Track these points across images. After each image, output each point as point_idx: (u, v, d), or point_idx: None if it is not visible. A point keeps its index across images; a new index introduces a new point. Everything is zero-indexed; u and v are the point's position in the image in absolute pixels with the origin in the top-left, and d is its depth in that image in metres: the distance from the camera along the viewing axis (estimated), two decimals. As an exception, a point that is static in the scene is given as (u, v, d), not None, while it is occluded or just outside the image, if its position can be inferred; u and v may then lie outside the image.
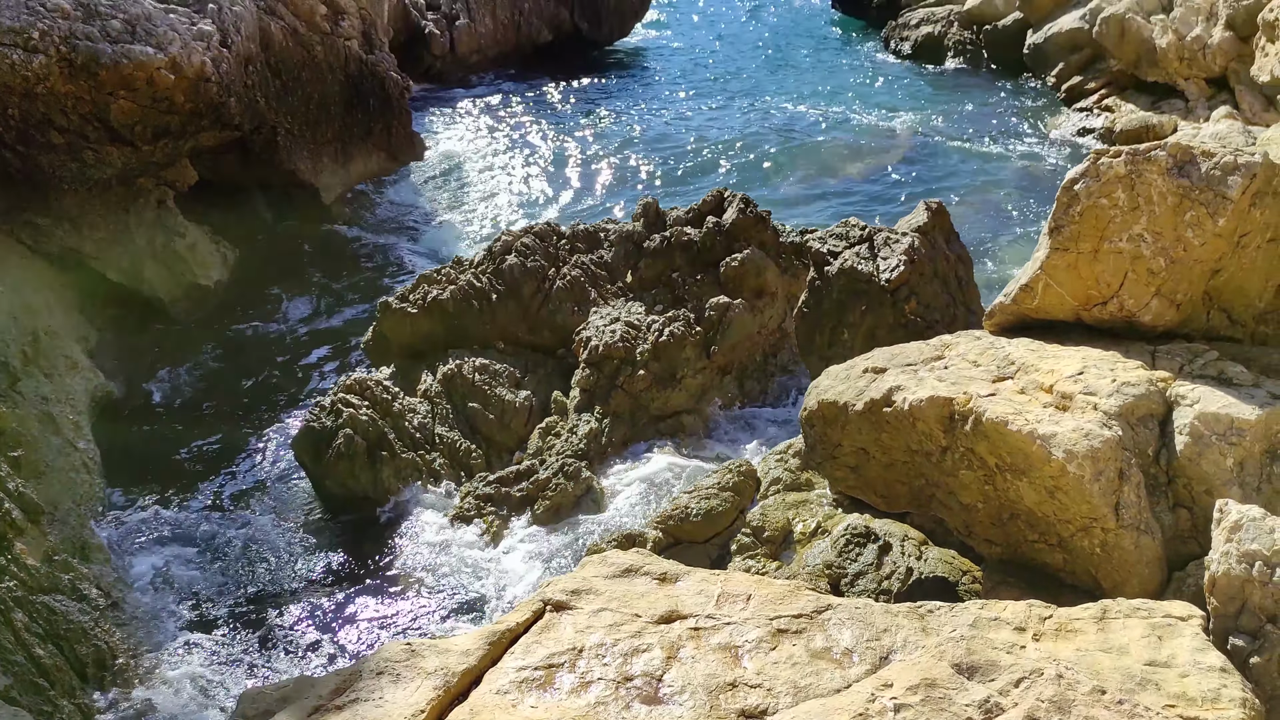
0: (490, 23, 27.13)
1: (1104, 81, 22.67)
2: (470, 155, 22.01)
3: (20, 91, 12.35)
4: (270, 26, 16.36)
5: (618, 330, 11.47)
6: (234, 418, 12.87)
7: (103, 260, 13.81)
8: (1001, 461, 6.06)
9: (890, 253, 10.73)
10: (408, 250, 17.56)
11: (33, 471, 9.01)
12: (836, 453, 7.47)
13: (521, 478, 10.32)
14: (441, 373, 11.69)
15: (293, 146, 17.02)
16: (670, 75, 28.37)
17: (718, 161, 21.46)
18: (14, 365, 10.28)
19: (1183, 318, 6.71)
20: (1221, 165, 6.19)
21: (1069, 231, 6.69)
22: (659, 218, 12.99)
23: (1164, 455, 5.90)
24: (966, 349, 7.11)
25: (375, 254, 17.39)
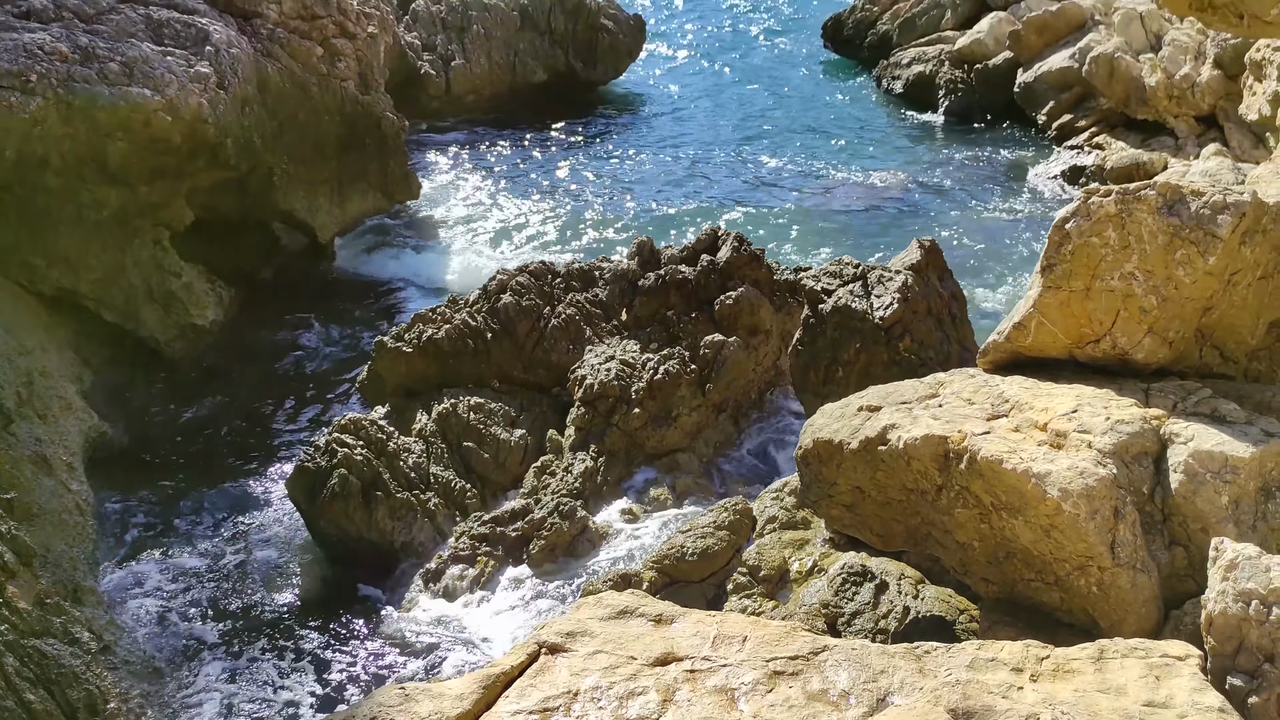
0: (485, 63, 27.31)
1: (1094, 119, 22.87)
2: (465, 194, 22.10)
3: (18, 133, 12.41)
4: (267, 68, 16.47)
5: (613, 369, 11.48)
6: (229, 458, 12.84)
7: (98, 301, 13.82)
8: (997, 500, 6.06)
9: (884, 291, 10.77)
10: (403, 289, 17.60)
11: (25, 514, 8.97)
12: (832, 491, 7.46)
13: (517, 517, 10.28)
14: (436, 412, 11.68)
15: (289, 186, 17.08)
16: (664, 114, 28.57)
17: (711, 200, 21.57)
18: (8, 407, 10.25)
19: (1175, 355, 6.75)
20: (1211, 204, 6.24)
21: (1061, 270, 6.73)
22: (653, 256, 13.04)
23: (1159, 493, 5.90)
24: (961, 387, 7.13)
25: (370, 293, 17.43)
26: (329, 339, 15.84)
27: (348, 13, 18.37)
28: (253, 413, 13.80)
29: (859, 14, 33.29)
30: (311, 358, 15.36)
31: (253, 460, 12.73)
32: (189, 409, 13.81)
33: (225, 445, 13.08)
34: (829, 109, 28.35)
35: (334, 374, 14.81)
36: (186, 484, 12.26)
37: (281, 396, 14.21)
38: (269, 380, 14.65)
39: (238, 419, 13.65)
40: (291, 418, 13.73)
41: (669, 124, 27.56)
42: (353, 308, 16.82)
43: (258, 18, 16.81)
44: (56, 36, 13.09)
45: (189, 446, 13.05)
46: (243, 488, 12.19)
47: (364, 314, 16.63)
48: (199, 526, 11.47)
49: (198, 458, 12.82)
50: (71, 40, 13.18)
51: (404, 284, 17.77)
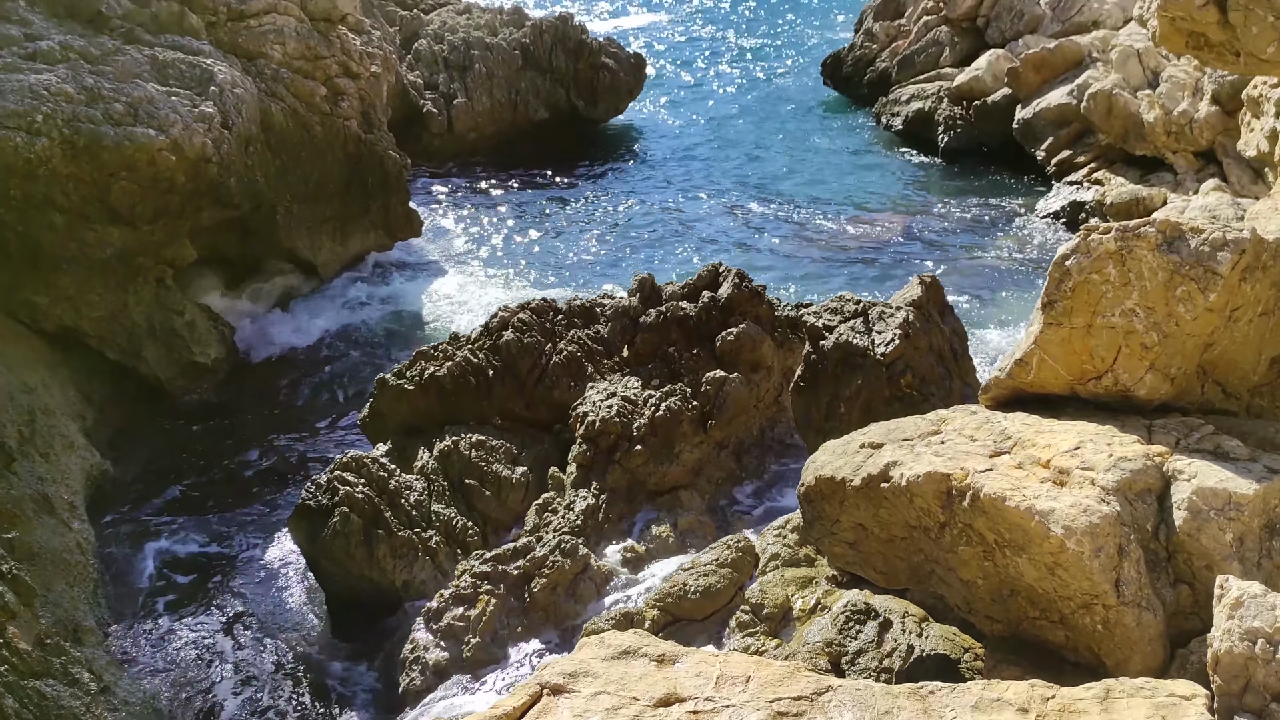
0: (487, 101, 27.54)
1: (1093, 155, 22.99)
2: (467, 232, 22.21)
3: (22, 173, 12.51)
4: (271, 108, 16.62)
5: (614, 405, 11.46)
6: (230, 494, 12.81)
7: (100, 339, 13.86)
8: (1000, 538, 6.04)
9: (885, 327, 10.78)
10: (404, 326, 17.64)
11: (26, 554, 8.94)
12: (835, 528, 7.44)
13: (518, 555, 10.23)
14: (438, 449, 11.66)
15: (291, 224, 17.19)
16: (664, 151, 28.76)
17: (712, 237, 21.66)
18: (10, 446, 10.25)
19: (1178, 391, 6.74)
20: (1210, 241, 6.26)
21: (1062, 306, 6.74)
22: (654, 293, 13.06)
23: (1163, 530, 5.88)
24: (963, 424, 7.12)
25: (372, 330, 17.46)
26: (330, 376, 15.85)
27: (351, 53, 18.56)
28: (254, 450, 13.79)
29: (858, 51, 33.62)
30: (313, 394, 15.37)
31: (253, 498, 12.70)
32: (191, 446, 13.80)
33: (225, 482, 13.05)
34: (829, 145, 28.53)
35: (335, 411, 14.81)
36: (187, 521, 12.23)
37: (283, 433, 14.21)
38: (271, 417, 14.65)
39: (239, 455, 13.63)
40: (293, 455, 13.71)
41: (669, 161, 27.74)
42: (353, 345, 16.85)
43: (262, 58, 16.99)
44: (63, 78, 13.22)
45: (190, 483, 13.02)
46: (242, 525, 12.15)
47: (365, 351, 16.66)
48: (200, 565, 11.43)
49: (199, 494, 12.79)
50: (77, 81, 13.30)
51: (405, 321, 17.81)
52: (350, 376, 15.80)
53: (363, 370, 15.89)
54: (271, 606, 10.94)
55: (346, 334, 17.21)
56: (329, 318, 17.73)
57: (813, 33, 47.62)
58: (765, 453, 12.22)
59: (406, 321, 17.82)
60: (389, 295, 18.82)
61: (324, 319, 17.65)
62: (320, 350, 16.55)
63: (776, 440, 12.36)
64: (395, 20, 29.03)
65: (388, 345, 16.90)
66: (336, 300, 18.37)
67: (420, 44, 28.22)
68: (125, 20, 15.22)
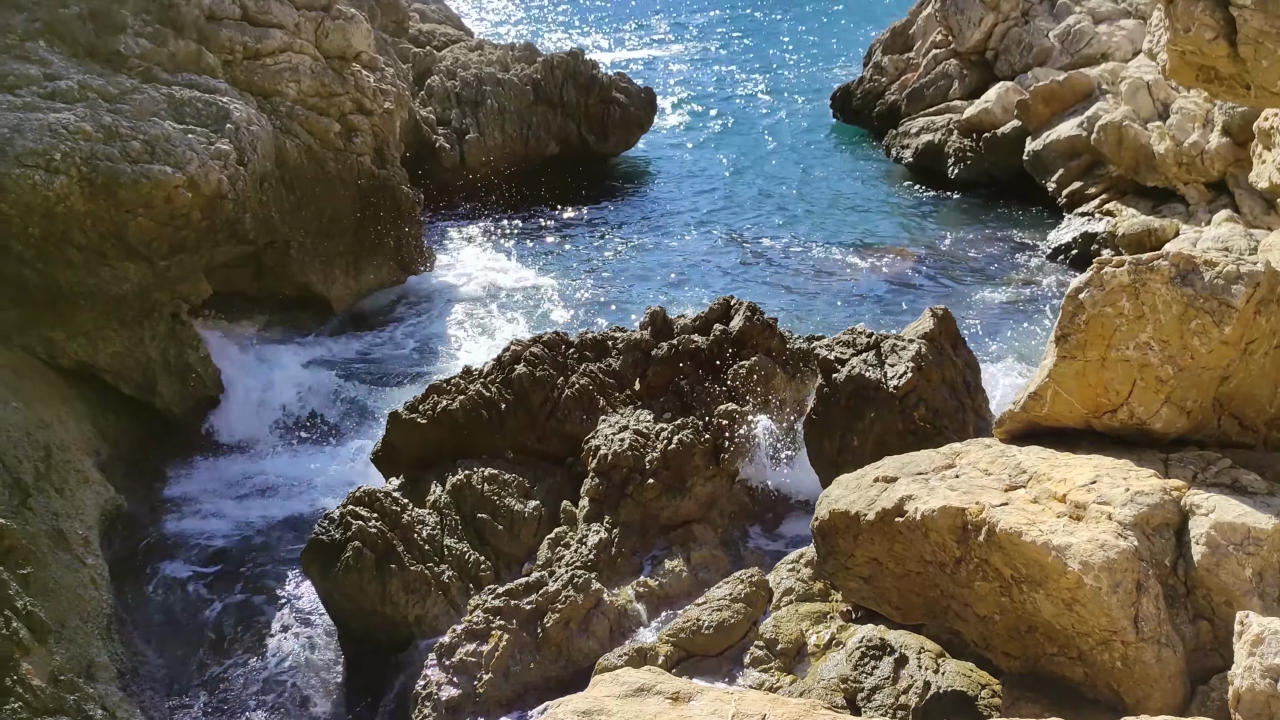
0: (499, 136, 27.74)
1: (1104, 187, 23.00)
2: (480, 265, 22.31)
3: (41, 210, 12.62)
4: (286, 144, 16.77)
5: (626, 439, 11.46)
6: (241, 528, 12.81)
7: (116, 374, 13.93)
8: (1017, 573, 6.01)
9: (897, 359, 10.77)
10: (417, 360, 17.68)
11: (41, 589, 8.95)
12: (849, 563, 7.41)
13: (531, 590, 10.19)
14: (450, 483, 11.66)
15: (305, 259, 17.30)
16: (675, 184, 28.90)
17: (723, 269, 21.71)
18: (26, 481, 10.28)
19: (1194, 425, 6.71)
20: (1224, 274, 6.25)
21: (1076, 340, 6.73)
22: (666, 325, 13.09)
23: (1181, 565, 5.84)
24: (977, 457, 7.10)
25: (384, 364, 17.52)
26: (344, 409, 15.89)
27: (365, 89, 18.74)
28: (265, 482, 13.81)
29: (867, 85, 33.79)
30: (325, 427, 15.40)
31: (264, 532, 12.71)
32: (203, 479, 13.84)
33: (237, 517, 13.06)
34: (839, 178, 28.63)
35: (347, 444, 14.83)
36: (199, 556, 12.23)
37: (294, 467, 14.23)
38: (282, 450, 14.68)
39: (250, 488, 13.65)
40: (305, 488, 13.73)
41: (680, 194, 27.87)
42: (366, 378, 16.89)
43: (277, 95, 17.17)
44: (81, 116, 13.37)
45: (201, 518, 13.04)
46: (255, 559, 12.15)
47: (378, 385, 16.69)
48: (213, 600, 11.42)
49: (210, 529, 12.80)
50: (95, 119, 13.45)
51: (418, 355, 17.86)
52: (363, 410, 15.83)
53: (375, 404, 15.93)
54: (283, 641, 10.92)
55: (358, 367, 17.26)
56: (341, 351, 17.80)
57: (820, 68, 47.91)
58: (777, 486, 12.18)
59: (419, 355, 17.87)
60: (401, 329, 18.89)
61: (336, 352, 17.71)
62: (332, 384, 16.60)
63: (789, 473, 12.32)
64: (408, 57, 29.31)
65: (400, 379, 16.94)
66: (348, 333, 18.45)
67: (433, 80, 28.48)
68: (143, 59, 15.41)
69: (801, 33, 60.70)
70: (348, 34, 18.53)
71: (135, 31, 15.64)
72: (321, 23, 18.25)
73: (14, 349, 12.90)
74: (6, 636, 7.12)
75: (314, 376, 16.58)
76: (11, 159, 12.42)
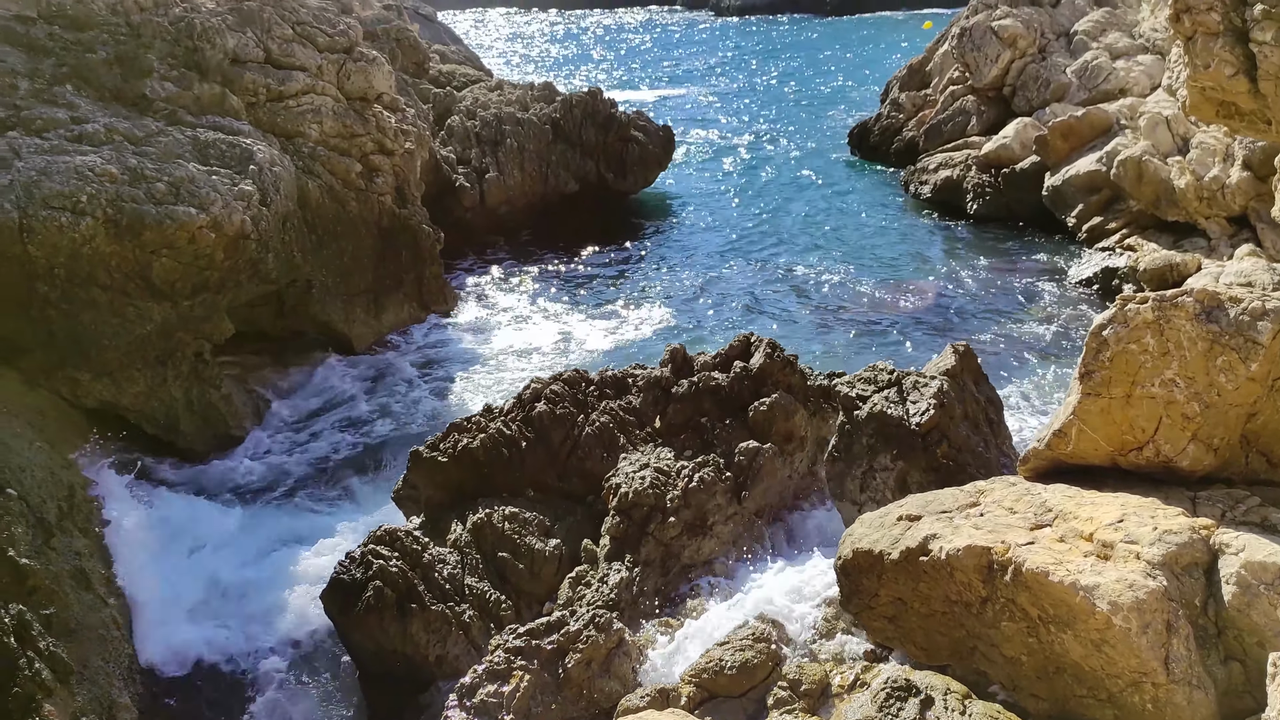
0: (519, 175, 27.93)
1: (1125, 221, 22.94)
2: (499, 303, 22.39)
3: (67, 252, 12.77)
4: (308, 185, 16.93)
5: (647, 477, 11.42)
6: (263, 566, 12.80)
7: (139, 413, 14.00)
8: (1044, 613, 5.93)
9: (919, 396, 10.72)
10: (438, 398, 17.71)
11: (63, 630, 8.96)
12: (873, 602, 7.34)
13: (552, 630, 10.12)
14: (471, 522, 11.63)
15: (326, 298, 17.40)
16: (694, 221, 28.99)
17: (743, 306, 21.72)
18: (49, 521, 10.32)
19: (1221, 462, 6.65)
20: (1250, 311, 6.21)
21: (1100, 377, 6.69)
22: (686, 363, 13.08)
23: (1211, 605, 5.76)
24: (1002, 495, 7.04)
25: (405, 402, 17.55)
26: (364, 448, 15.91)
27: (386, 130, 18.92)
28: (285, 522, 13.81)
29: (884, 121, 33.94)
30: (346, 466, 15.42)
31: (286, 570, 12.68)
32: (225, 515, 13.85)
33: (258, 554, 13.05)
34: (858, 214, 28.66)
35: (368, 483, 14.84)
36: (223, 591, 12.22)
37: (314, 505, 14.23)
38: (302, 489, 14.69)
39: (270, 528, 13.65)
40: (325, 527, 13.72)
41: (698, 231, 27.94)
42: (387, 417, 16.93)
43: (300, 137, 17.35)
44: (107, 159, 13.55)
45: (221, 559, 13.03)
46: (276, 597, 12.12)
47: (399, 424, 16.72)
48: (237, 636, 11.39)
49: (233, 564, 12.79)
50: (121, 162, 13.63)
51: (438, 393, 17.89)
52: (383, 449, 15.84)
53: (396, 442, 15.94)
54: (303, 681, 10.87)
55: (379, 406, 17.31)
56: (361, 390, 17.86)
57: (837, 105, 48.15)
58: (800, 523, 12.10)
59: (439, 393, 17.90)
60: (422, 367, 18.94)
61: (356, 391, 17.77)
62: (353, 423, 16.64)
63: (811, 511, 12.24)
64: (429, 97, 29.62)
65: (421, 417, 16.96)
66: (369, 372, 18.52)
67: (453, 120, 28.75)
68: (169, 102, 15.63)
69: (818, 70, 61.09)
70: (369, 76, 18.75)
71: (161, 75, 15.87)
72: (343, 65, 18.48)
73: (40, 390, 12.99)
74: (29, 677, 7.12)
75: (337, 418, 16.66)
76: (39, 201, 12.59)
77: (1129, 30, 28.36)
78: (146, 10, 17.13)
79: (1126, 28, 28.52)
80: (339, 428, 16.41)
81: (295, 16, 18.42)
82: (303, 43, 18.05)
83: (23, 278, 12.64)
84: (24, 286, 12.70)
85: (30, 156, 13.09)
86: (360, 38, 19.45)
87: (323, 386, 17.61)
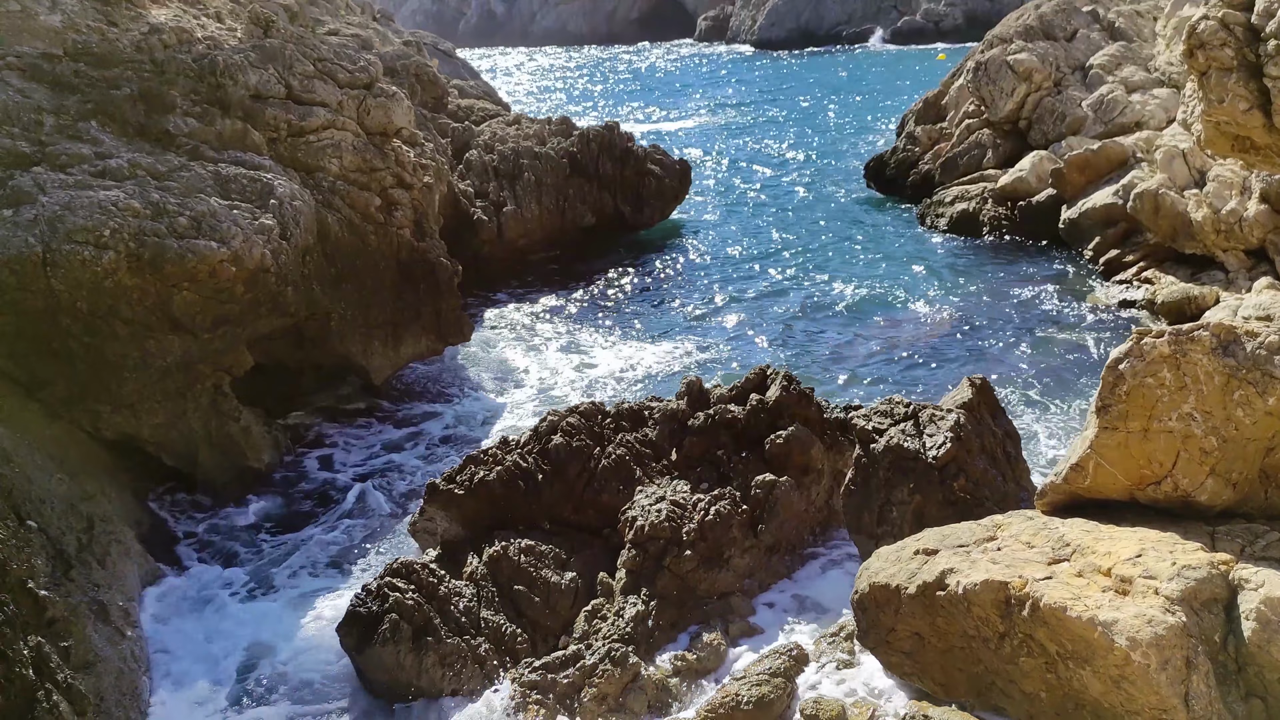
0: (536, 209, 28.10)
1: (1142, 254, 22.90)
2: (516, 336, 22.49)
3: (89, 285, 12.91)
4: (328, 218, 17.09)
5: (663, 510, 11.42)
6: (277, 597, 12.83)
7: (159, 445, 14.10)
8: (1063, 649, 5.90)
9: (936, 430, 10.71)
10: (454, 430, 17.76)
11: (81, 662, 8.99)
12: (890, 637, 7.31)
13: (568, 664, 10.11)
14: (488, 554, 11.64)
15: (345, 330, 17.51)
16: (710, 254, 29.08)
17: (759, 338, 21.74)
18: (69, 552, 10.39)
19: (1240, 497, 6.62)
20: (1267, 345, 6.20)
21: (1117, 411, 6.68)
22: (702, 396, 13.10)
23: (1231, 642, 5.71)
24: (1019, 530, 7.02)
25: (421, 434, 17.61)
26: (381, 480, 15.96)
27: (405, 164, 19.10)
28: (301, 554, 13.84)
29: (900, 154, 34.04)
30: (363, 498, 15.45)
31: (301, 602, 12.70)
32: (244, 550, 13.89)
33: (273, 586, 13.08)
34: (874, 246, 28.71)
35: (385, 515, 14.86)
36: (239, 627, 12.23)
37: (332, 538, 14.26)
38: (319, 520, 14.73)
39: (285, 560, 13.68)
40: (342, 559, 13.74)
41: (713, 264, 28.03)
42: (404, 450, 16.99)
43: (320, 171, 17.54)
44: (130, 193, 13.72)
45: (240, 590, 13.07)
46: (290, 629, 12.13)
47: (415, 456, 16.77)
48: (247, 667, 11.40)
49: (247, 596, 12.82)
50: (144, 196, 13.80)
51: (455, 425, 17.95)
52: (400, 480, 15.89)
53: (413, 474, 15.99)
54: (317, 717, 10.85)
55: (395, 438, 17.37)
56: (378, 421, 17.94)
57: (853, 138, 48.35)
58: (817, 557, 12.07)
59: (456, 425, 17.95)
60: (439, 399, 19.02)
61: (373, 423, 17.86)
62: (368, 455, 16.71)
63: (828, 545, 12.21)
64: (447, 131, 29.89)
65: (437, 449, 17.01)
66: (385, 404, 18.60)
67: (471, 154, 28.99)
68: (191, 138, 15.83)
69: (834, 103, 61.39)
70: (389, 111, 18.95)
71: (184, 111, 16.09)
72: (364, 100, 18.69)
73: (60, 422, 13.10)
74: (47, 710, 7.15)
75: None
76: (62, 235, 12.75)
77: (1144, 64, 28.43)
78: (171, 47, 17.39)
79: (1141, 62, 28.59)
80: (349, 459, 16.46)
81: (317, 53, 18.65)
82: (324, 79, 18.27)
83: (46, 311, 12.79)
84: (47, 320, 12.85)
85: (55, 191, 13.28)
86: (381, 73, 19.67)
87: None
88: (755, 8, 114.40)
